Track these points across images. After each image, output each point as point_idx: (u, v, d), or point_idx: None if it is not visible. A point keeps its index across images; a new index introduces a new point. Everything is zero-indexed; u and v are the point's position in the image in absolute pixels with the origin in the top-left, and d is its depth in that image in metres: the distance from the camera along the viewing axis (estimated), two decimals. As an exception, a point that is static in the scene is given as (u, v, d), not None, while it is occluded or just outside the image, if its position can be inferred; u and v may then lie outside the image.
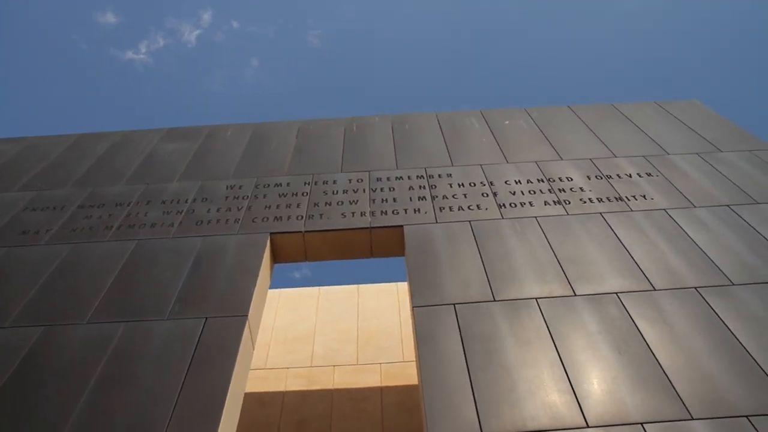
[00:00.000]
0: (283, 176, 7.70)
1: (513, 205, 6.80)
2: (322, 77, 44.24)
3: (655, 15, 41.90)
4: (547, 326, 5.02)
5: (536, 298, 5.35)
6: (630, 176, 7.32)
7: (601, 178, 7.30)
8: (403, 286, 9.79)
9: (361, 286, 10.46)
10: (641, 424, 4.11)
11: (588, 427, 4.12)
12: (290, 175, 7.74)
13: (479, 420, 4.19)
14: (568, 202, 6.81)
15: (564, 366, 4.61)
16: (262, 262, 6.06)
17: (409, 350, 8.73)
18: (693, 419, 4.13)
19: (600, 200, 6.83)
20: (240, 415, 4.88)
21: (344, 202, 7.01)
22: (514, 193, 7.05)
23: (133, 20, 42.23)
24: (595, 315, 5.13)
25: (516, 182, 7.26)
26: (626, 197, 6.87)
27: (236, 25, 43.54)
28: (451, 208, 6.80)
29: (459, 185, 7.28)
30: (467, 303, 5.33)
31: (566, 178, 7.31)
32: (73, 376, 4.75)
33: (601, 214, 6.56)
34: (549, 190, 7.07)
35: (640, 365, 4.59)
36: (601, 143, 8.21)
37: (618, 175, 7.36)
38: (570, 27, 42.99)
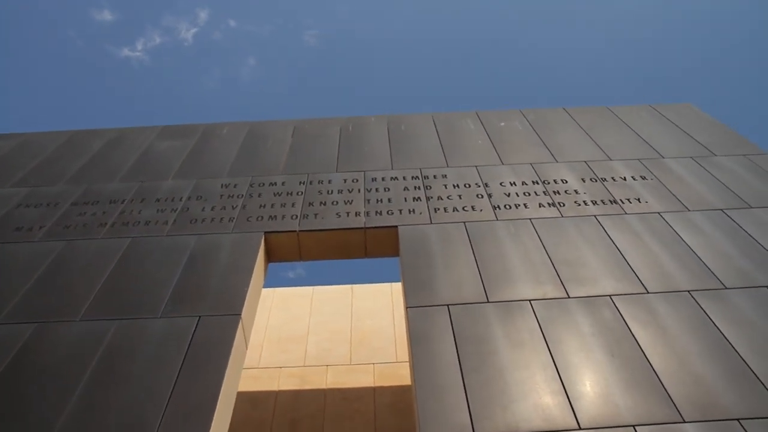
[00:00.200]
0: (278, 175, 7.70)
1: (507, 207, 6.81)
2: (319, 77, 44.27)
3: (651, 18, 42.10)
4: (541, 328, 5.02)
5: (530, 300, 5.36)
6: (624, 179, 7.34)
7: (596, 180, 7.32)
8: (397, 287, 9.78)
9: (355, 286, 10.44)
10: (633, 426, 4.13)
11: (580, 429, 4.13)
12: (285, 174, 7.73)
13: (472, 421, 4.19)
14: (562, 204, 6.82)
15: (557, 368, 4.62)
16: (256, 261, 6.04)
17: (403, 351, 8.74)
18: (685, 422, 4.15)
19: (594, 203, 6.85)
20: (232, 414, 4.86)
21: (339, 202, 7.00)
22: (508, 194, 7.06)
23: (130, 17, 42.17)
24: (589, 317, 5.14)
25: (511, 184, 7.27)
26: (621, 200, 6.89)
27: (233, 23, 43.54)
28: (445, 209, 6.81)
29: (454, 186, 7.28)
30: (461, 304, 5.33)
31: (561, 180, 7.33)
32: (66, 374, 4.73)
33: (595, 216, 6.58)
34: (544, 192, 7.09)
35: (632, 368, 4.60)
36: (596, 146, 8.24)
37: (612, 177, 7.38)
38: (566, 29, 43.15)
